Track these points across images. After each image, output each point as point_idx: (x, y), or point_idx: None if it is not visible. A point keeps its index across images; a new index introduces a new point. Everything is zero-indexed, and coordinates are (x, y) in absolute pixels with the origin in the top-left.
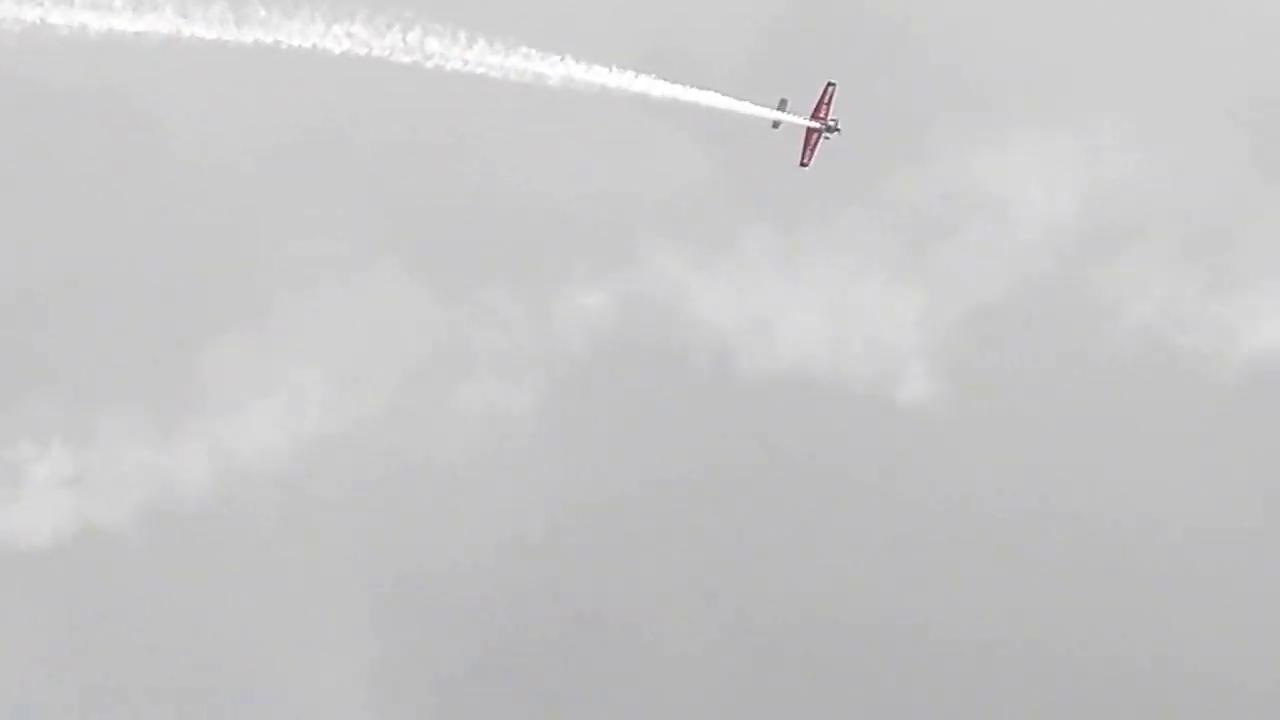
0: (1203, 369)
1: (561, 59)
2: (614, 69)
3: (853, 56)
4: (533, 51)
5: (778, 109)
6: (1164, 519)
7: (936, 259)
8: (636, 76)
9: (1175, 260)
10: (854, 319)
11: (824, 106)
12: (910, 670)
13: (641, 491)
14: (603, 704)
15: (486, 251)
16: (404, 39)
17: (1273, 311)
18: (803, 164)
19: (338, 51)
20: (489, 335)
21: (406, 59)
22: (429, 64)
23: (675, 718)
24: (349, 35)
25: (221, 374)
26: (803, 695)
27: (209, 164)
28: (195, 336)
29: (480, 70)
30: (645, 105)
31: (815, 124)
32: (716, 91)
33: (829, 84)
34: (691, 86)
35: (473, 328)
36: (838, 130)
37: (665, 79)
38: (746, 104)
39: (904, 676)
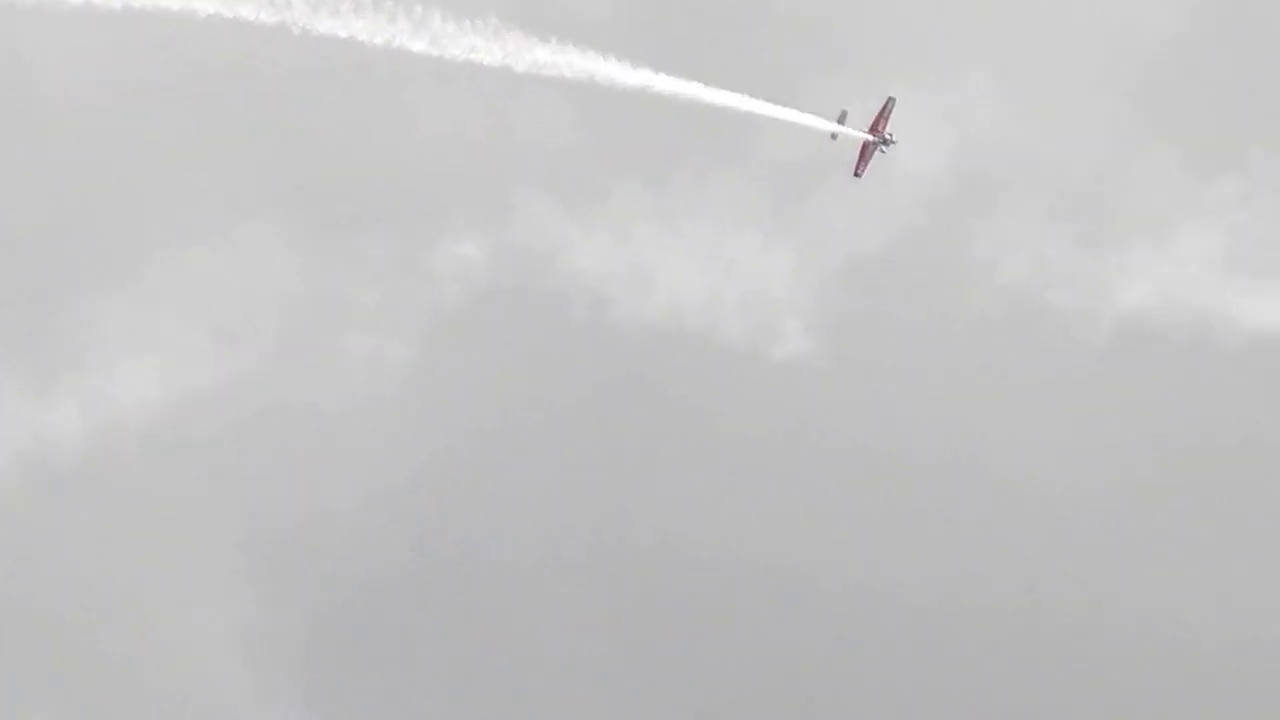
0: (1074, 326)
1: (425, 12)
2: (479, 22)
3: (722, 12)
4: (397, 7)
5: (837, 121)
6: (1035, 472)
7: (809, 214)
8: (509, 33)
9: (1047, 216)
10: (728, 272)
11: (882, 120)
12: (786, 613)
13: (517, 439)
14: (481, 648)
15: (362, 203)
16: None
17: (1144, 269)
18: (856, 174)
19: (205, 15)
20: (365, 286)
21: (272, 19)
22: (296, 27)
23: (553, 660)
24: None
25: (97, 328)
26: (681, 640)
27: (82, 119)
28: (69, 291)
29: (346, 35)
30: (516, 62)
31: (872, 138)
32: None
33: (889, 99)
34: (560, 42)
35: (348, 279)
36: (894, 143)
37: (531, 33)
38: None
39: (780, 620)
